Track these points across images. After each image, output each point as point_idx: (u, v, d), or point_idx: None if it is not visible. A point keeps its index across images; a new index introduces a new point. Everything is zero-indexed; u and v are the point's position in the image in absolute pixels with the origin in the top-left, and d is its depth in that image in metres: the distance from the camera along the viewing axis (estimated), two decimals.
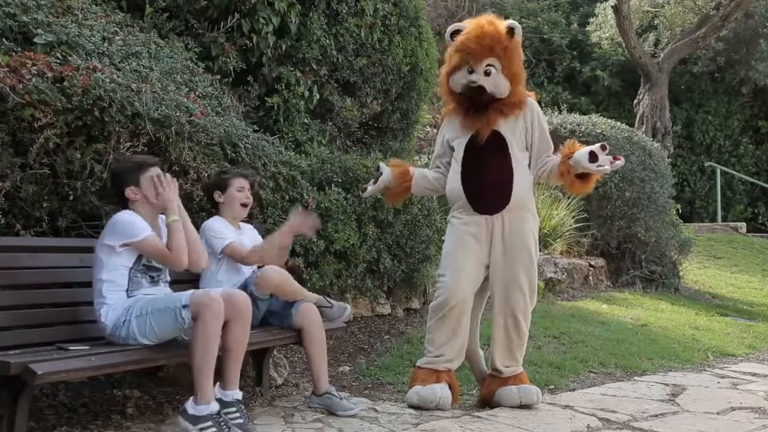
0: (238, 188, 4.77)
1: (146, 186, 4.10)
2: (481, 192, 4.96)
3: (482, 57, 4.82)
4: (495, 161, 4.91)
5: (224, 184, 4.77)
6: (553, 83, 19.91)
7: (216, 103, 5.65)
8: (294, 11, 6.91)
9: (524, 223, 4.98)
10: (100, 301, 4.00)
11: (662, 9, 18.20)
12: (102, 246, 4.00)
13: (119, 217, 4.03)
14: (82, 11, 5.10)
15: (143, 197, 4.10)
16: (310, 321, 4.73)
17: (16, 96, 3.90)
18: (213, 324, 3.85)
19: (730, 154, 19.74)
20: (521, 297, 4.96)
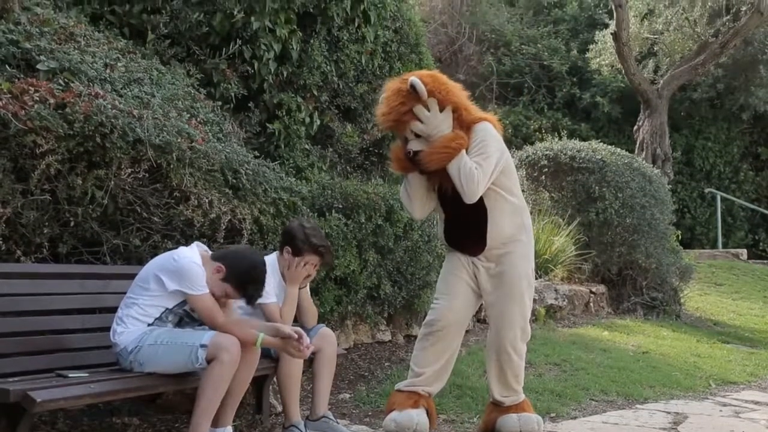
0: (306, 262, 4.74)
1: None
2: (460, 239, 4.94)
3: (403, 126, 4.71)
4: (468, 206, 4.72)
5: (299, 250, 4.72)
6: (553, 109, 19.96)
7: (217, 129, 5.65)
8: (295, 38, 6.94)
9: (510, 256, 4.86)
10: (121, 320, 3.96)
11: (661, 36, 18.28)
12: (155, 276, 3.96)
13: (188, 263, 3.99)
14: (84, 38, 5.12)
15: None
16: (328, 342, 4.76)
17: (18, 122, 3.91)
18: (228, 369, 3.84)
19: (730, 180, 19.76)
20: (511, 332, 4.89)
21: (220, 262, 4.05)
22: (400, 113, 4.66)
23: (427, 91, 4.62)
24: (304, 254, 4.65)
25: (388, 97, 4.73)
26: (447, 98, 4.72)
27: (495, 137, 4.80)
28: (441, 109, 4.69)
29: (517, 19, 21.83)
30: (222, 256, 4.11)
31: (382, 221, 6.57)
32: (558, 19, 21.68)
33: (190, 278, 3.94)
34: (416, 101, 4.63)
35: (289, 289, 4.67)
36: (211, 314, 4.00)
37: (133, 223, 4.64)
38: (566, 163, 10.95)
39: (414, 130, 4.68)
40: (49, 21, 4.97)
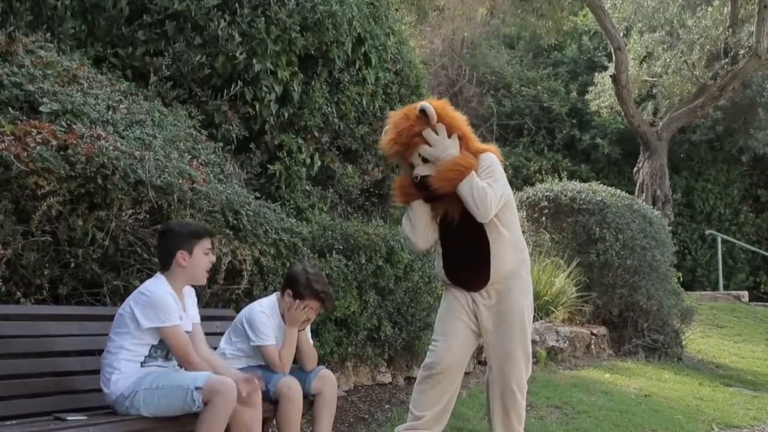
0: (311, 307, 4.67)
1: (198, 255, 4.08)
2: (460, 274, 4.90)
3: (411, 151, 4.71)
4: (471, 238, 4.74)
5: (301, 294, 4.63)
6: (553, 150, 20.04)
7: (218, 170, 5.67)
8: (296, 80, 6.99)
9: (511, 292, 4.85)
10: (112, 367, 3.90)
11: (660, 79, 18.40)
12: (131, 316, 3.91)
13: (161, 294, 3.94)
14: (87, 80, 5.16)
15: (188, 266, 4.07)
16: (328, 385, 4.71)
17: (20, 164, 3.92)
18: (223, 411, 3.79)
19: (730, 222, 19.77)
20: (515, 370, 4.85)
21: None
22: (409, 136, 4.67)
23: (436, 115, 4.65)
24: (305, 298, 4.62)
25: (396, 122, 4.74)
26: (455, 125, 4.75)
27: (501, 167, 4.83)
28: (449, 135, 4.71)
29: (517, 62, 21.99)
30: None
31: (383, 262, 6.57)
32: (557, 61, 21.84)
33: (163, 310, 3.89)
34: (425, 125, 4.66)
35: (289, 331, 4.64)
36: (186, 350, 3.96)
37: (134, 264, 4.63)
38: (566, 205, 10.97)
39: (422, 154, 4.69)
40: (53, 63, 5.00)
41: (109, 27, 6.17)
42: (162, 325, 3.90)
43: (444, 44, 21.54)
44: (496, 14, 21.10)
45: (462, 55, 21.72)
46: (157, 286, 3.98)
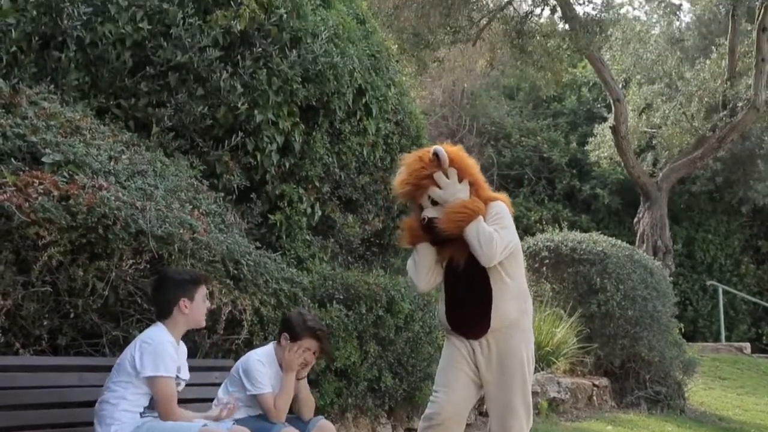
0: (306, 348, 4.62)
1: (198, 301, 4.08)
2: (462, 320, 4.86)
3: (421, 193, 4.69)
4: (475, 284, 4.73)
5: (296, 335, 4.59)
6: (553, 201, 20.10)
7: (219, 220, 5.68)
8: (298, 130, 7.04)
9: (511, 341, 4.79)
10: (112, 418, 3.84)
11: (659, 130, 18.52)
12: (132, 363, 3.86)
13: (160, 343, 3.91)
14: (90, 131, 5.19)
15: (190, 313, 4.06)
16: None
17: (21, 215, 3.93)
18: None
19: (731, 273, 19.75)
20: (517, 420, 4.80)
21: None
22: (419, 177, 4.66)
23: (448, 159, 4.68)
24: (301, 338, 4.59)
25: (409, 163, 4.75)
26: (466, 171, 4.77)
27: (510, 216, 4.83)
28: (459, 180, 4.72)
29: (517, 112, 22.16)
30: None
31: (383, 312, 6.55)
32: (557, 112, 22.00)
33: (162, 359, 3.86)
34: (437, 168, 4.66)
35: (286, 377, 4.57)
36: (172, 403, 3.92)
37: (134, 314, 4.62)
38: (567, 255, 10.97)
39: (432, 196, 4.69)
40: (56, 114, 5.04)
41: (112, 78, 6.22)
42: (157, 374, 3.86)
43: (444, 95, 21.74)
44: (496, 66, 21.30)
45: (462, 105, 21.90)
46: (159, 334, 3.96)
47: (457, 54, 19.35)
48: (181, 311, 4.02)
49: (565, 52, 17.59)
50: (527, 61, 17.52)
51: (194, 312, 4.07)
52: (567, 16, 16.11)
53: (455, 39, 16.44)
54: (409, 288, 7.00)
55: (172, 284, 4.07)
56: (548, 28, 17.36)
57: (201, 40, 6.48)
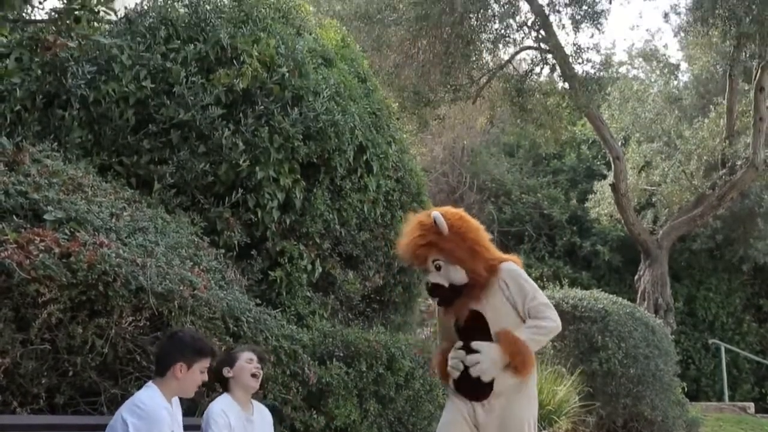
0: (248, 360, 4.68)
1: (194, 371, 4.03)
2: (467, 381, 4.84)
3: (424, 259, 4.71)
4: (477, 339, 4.76)
5: (232, 359, 4.69)
6: (554, 257, 20.08)
7: (219, 277, 5.68)
8: (299, 187, 7.07)
9: (513, 404, 4.72)
10: None
11: (659, 188, 18.59)
12: (124, 428, 3.75)
13: (153, 408, 3.82)
14: (92, 188, 5.22)
15: (182, 380, 4.02)
16: None
17: (22, 272, 3.93)
18: None
19: (733, 331, 19.64)
20: None
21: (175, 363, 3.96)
22: (417, 245, 4.68)
23: (448, 225, 4.68)
24: (239, 356, 4.64)
25: (411, 229, 4.76)
26: (467, 235, 4.76)
27: (526, 277, 4.84)
28: (461, 244, 4.71)
29: (517, 169, 22.26)
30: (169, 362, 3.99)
31: (384, 370, 6.50)
32: (557, 169, 22.10)
33: (158, 426, 3.77)
34: (437, 235, 4.67)
35: None
36: None
37: (132, 372, 4.59)
38: (568, 312, 10.92)
39: (434, 261, 4.71)
40: (58, 172, 5.08)
41: (115, 136, 6.28)
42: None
43: (445, 152, 21.86)
44: (496, 123, 21.47)
45: (462, 162, 22.01)
46: (152, 398, 3.87)
47: (457, 112, 19.51)
48: (175, 374, 3.96)
49: (565, 110, 17.74)
50: (527, 119, 17.66)
51: (187, 381, 4.00)
52: (566, 75, 16.27)
53: (455, 97, 16.59)
54: (410, 345, 6.97)
55: (176, 344, 4.02)
56: (548, 87, 17.54)
57: (203, 98, 6.55)
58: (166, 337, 4.15)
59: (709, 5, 14.05)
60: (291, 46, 7.36)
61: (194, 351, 4.01)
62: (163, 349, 4.05)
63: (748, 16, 13.68)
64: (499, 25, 15.79)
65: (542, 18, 15.97)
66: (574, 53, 15.99)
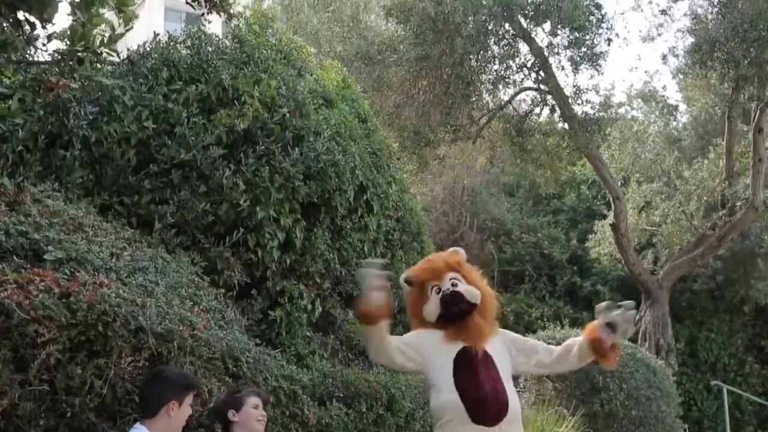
0: (254, 405, 4.65)
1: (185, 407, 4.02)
2: (480, 402, 4.79)
3: (443, 274, 4.82)
4: (486, 373, 4.75)
5: (238, 402, 4.66)
6: (554, 297, 20.04)
7: (219, 317, 5.67)
8: (299, 227, 7.08)
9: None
10: None
11: (659, 228, 18.61)
12: None
13: None
14: (92, 228, 5.22)
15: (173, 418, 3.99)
16: None
17: (21, 312, 3.92)
18: None
19: (735, 373, 19.53)
20: None
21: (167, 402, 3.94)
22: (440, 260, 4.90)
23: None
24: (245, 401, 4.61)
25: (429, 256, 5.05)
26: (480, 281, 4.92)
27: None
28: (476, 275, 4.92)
29: (517, 209, 22.30)
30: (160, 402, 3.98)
31: (384, 410, 6.47)
32: (557, 209, 22.14)
33: None
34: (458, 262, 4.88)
35: None
36: None
37: (131, 413, 4.55)
38: None
39: (451, 279, 4.81)
40: (59, 212, 5.08)
41: (116, 176, 6.30)
42: None
43: (445, 192, 21.92)
44: (496, 163, 21.55)
45: (463, 202, 22.06)
46: None
47: (457, 151, 19.60)
48: (168, 413, 3.96)
49: (565, 151, 17.82)
50: (527, 159, 17.74)
51: (178, 418, 4.00)
52: (566, 116, 16.37)
53: (456, 137, 16.67)
54: (410, 386, 6.93)
55: (164, 383, 4.02)
56: (547, 127, 17.63)
57: (204, 139, 6.59)
58: (151, 378, 4.14)
59: (708, 48, 14.17)
60: (292, 87, 7.42)
61: (183, 387, 4.02)
62: (152, 390, 4.04)
63: (746, 59, 13.79)
64: (499, 67, 15.92)
65: (542, 59, 16.10)
66: (573, 94, 16.11)
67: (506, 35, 15.76)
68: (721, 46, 14.13)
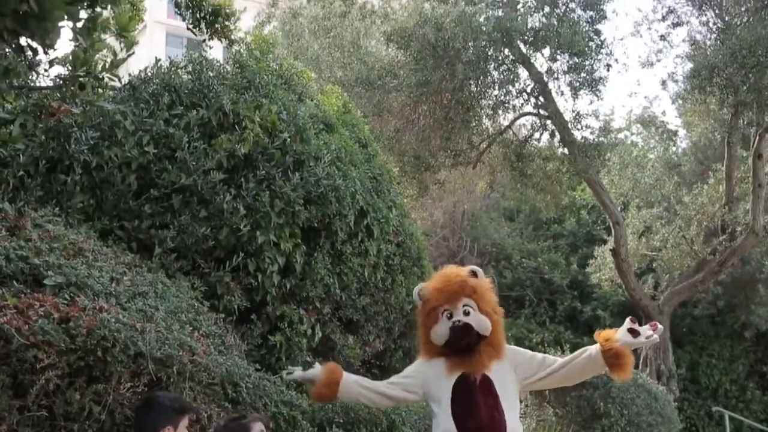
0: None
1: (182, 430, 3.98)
2: (475, 430, 4.79)
3: (457, 299, 4.79)
4: (485, 400, 4.73)
5: (245, 429, 4.61)
6: (555, 322, 19.99)
7: (219, 342, 5.65)
8: (299, 251, 7.07)
9: None
10: None
11: (659, 253, 18.59)
12: None
13: None
14: (93, 253, 5.23)
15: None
16: None
17: (20, 337, 3.91)
18: None
19: (737, 399, 19.43)
20: None
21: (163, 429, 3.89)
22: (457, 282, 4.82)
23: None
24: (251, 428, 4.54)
25: (447, 273, 4.92)
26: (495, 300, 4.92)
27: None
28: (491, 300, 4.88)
29: (517, 234, 22.30)
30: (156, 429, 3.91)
31: None
32: (557, 234, 22.14)
33: None
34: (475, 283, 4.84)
35: None
36: None
37: None
38: None
39: (464, 306, 4.77)
40: (60, 237, 5.08)
41: (116, 201, 6.30)
42: None
43: (445, 216, 21.92)
44: (496, 188, 21.58)
45: (463, 226, 22.06)
46: None
47: (457, 176, 19.62)
48: None
49: (564, 175, 17.85)
50: (527, 184, 17.76)
51: None
52: (565, 141, 16.41)
53: (456, 162, 16.71)
54: (410, 412, 6.90)
55: (158, 410, 3.98)
56: (547, 152, 17.67)
57: (205, 163, 6.60)
58: (143, 406, 4.09)
59: (707, 74, 14.23)
60: (293, 112, 7.44)
61: (178, 411, 3.99)
62: (147, 418, 4.00)
63: (745, 85, 13.85)
64: (499, 92, 15.98)
65: (541, 85, 16.16)
66: (573, 119, 16.16)
67: (506, 61, 15.83)
68: (720, 71, 14.18)
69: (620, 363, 4.77)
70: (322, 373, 4.98)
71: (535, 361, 4.90)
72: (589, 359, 4.84)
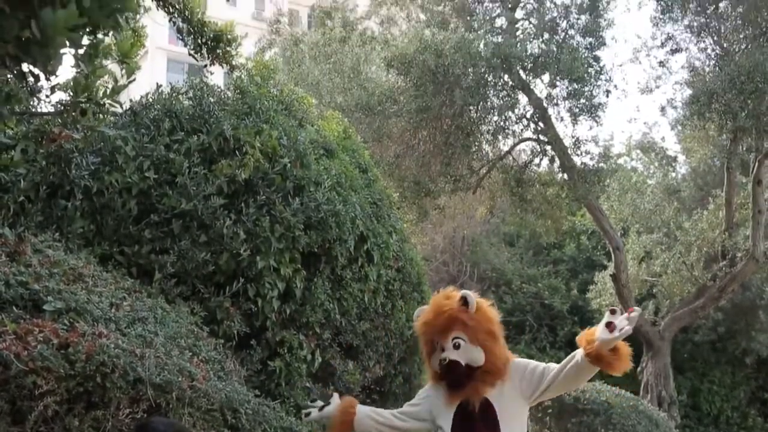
0: None
1: None
2: None
3: (446, 332, 4.72)
4: (484, 425, 4.70)
5: None
6: (555, 348, 19.95)
7: (218, 367, 5.63)
8: (299, 276, 7.06)
9: None
10: None
11: (660, 279, 18.58)
12: None
13: None
14: (92, 278, 5.22)
15: None
16: None
17: (19, 363, 3.90)
18: None
19: (738, 426, 19.36)
20: None
21: None
22: (444, 316, 4.73)
23: (476, 306, 4.74)
24: None
25: (437, 303, 4.82)
26: (492, 320, 4.82)
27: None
28: (484, 326, 4.76)
29: (517, 259, 22.29)
30: None
31: None
32: (557, 259, 22.13)
33: None
34: (464, 312, 4.73)
35: None
36: None
37: None
38: (570, 404, 10.80)
39: (454, 339, 4.70)
40: (59, 262, 5.08)
41: (116, 226, 6.31)
42: None
43: (445, 241, 21.93)
44: (496, 213, 21.60)
45: (463, 251, 22.06)
46: None
47: (457, 201, 19.65)
48: None
49: (564, 201, 17.88)
50: (527, 209, 17.78)
51: None
52: (565, 166, 16.45)
53: (456, 187, 16.74)
54: None
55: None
56: (547, 177, 17.71)
57: (206, 189, 6.60)
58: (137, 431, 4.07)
59: (705, 100, 14.29)
60: (293, 138, 7.46)
61: None
62: None
63: (743, 111, 13.90)
64: (499, 118, 16.05)
65: (541, 111, 16.23)
66: (572, 145, 16.22)
67: (505, 87, 15.92)
68: (718, 97, 14.25)
69: (606, 362, 4.70)
70: (337, 412, 5.03)
71: (536, 375, 4.84)
72: (577, 366, 4.79)
